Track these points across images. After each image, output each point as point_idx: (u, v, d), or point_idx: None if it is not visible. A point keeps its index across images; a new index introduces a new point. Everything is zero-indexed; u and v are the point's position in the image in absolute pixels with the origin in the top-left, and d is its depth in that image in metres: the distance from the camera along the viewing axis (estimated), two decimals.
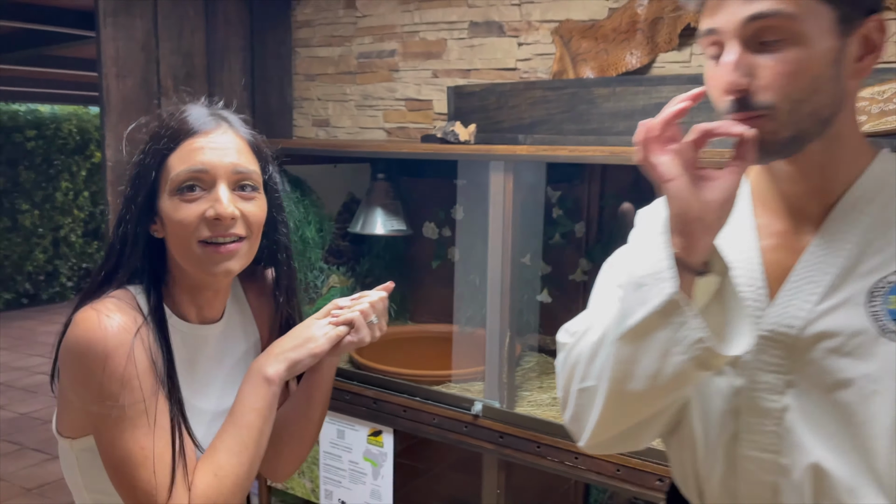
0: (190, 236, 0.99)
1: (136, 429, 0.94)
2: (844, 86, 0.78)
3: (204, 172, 0.99)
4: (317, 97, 2.62)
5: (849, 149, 0.81)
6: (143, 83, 2.15)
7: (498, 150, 1.58)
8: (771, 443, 0.82)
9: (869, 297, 0.77)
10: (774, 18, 0.73)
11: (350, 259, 2.34)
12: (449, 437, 1.77)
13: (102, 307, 0.96)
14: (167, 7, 2.19)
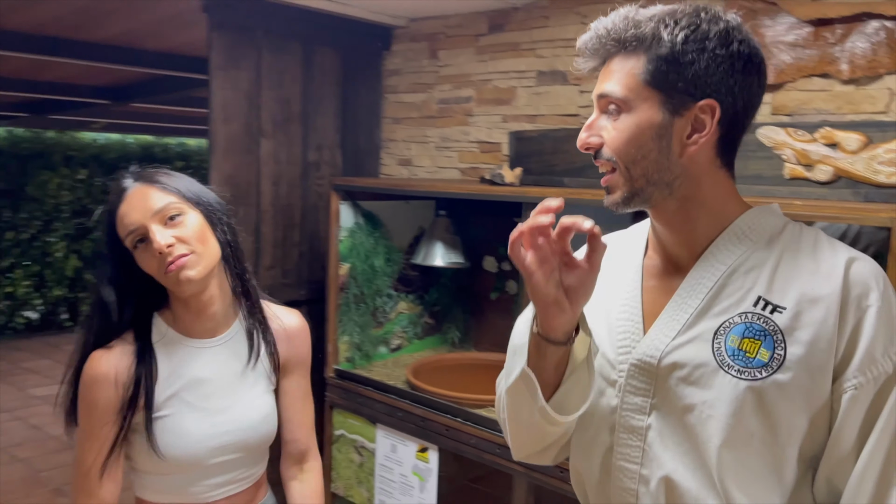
0: (157, 273, 1.20)
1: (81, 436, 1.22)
2: (678, 158, 0.90)
3: (134, 230, 1.19)
4: (402, 139, 2.86)
5: (707, 210, 0.93)
6: (246, 127, 2.47)
7: (528, 192, 1.71)
8: (636, 456, 0.94)
9: (714, 335, 0.89)
10: (612, 98, 0.91)
11: (419, 288, 2.53)
12: (484, 458, 1.89)
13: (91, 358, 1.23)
14: (269, 60, 2.50)
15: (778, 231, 0.92)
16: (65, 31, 3.23)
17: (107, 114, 6.05)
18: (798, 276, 0.87)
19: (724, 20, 0.89)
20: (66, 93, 4.74)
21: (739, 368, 0.86)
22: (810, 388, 0.84)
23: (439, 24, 2.68)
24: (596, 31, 0.94)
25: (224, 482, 1.28)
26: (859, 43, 1.75)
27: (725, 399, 0.86)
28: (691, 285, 0.93)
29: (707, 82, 0.87)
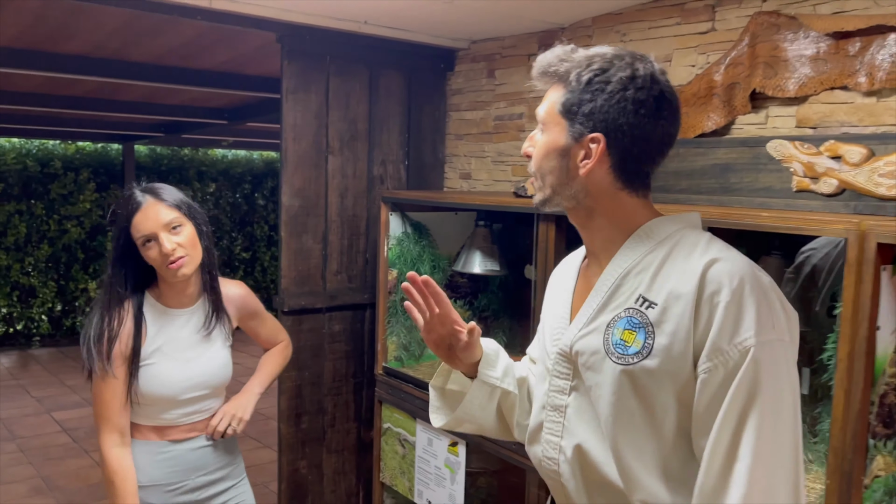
0: (159, 266, 1.65)
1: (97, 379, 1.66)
2: (578, 176, 1.06)
3: (147, 235, 1.63)
4: (463, 154, 3.03)
5: (609, 220, 1.08)
6: (315, 144, 2.73)
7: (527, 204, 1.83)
8: (558, 430, 1.11)
9: (606, 327, 1.05)
10: (539, 118, 1.11)
11: (468, 294, 2.68)
12: (502, 453, 2.02)
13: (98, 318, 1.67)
14: (337, 84, 2.76)
15: (668, 237, 1.05)
16: (178, 61, 3.67)
17: (229, 132, 6.65)
18: (670, 276, 1.01)
19: (633, 68, 1.03)
20: (190, 115, 5.30)
21: (619, 355, 1.02)
22: (674, 372, 0.97)
23: (496, 45, 2.84)
24: (539, 63, 1.12)
25: (193, 411, 1.75)
26: (878, 55, 1.73)
27: (608, 381, 1.03)
28: (599, 285, 1.09)
29: (600, 118, 1.02)
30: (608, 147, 1.03)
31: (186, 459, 1.74)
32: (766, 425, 0.92)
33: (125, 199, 1.67)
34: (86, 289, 7.41)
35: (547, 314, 1.22)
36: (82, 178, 7.29)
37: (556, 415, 1.11)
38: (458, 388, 1.29)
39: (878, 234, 1.22)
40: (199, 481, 1.77)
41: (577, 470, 1.08)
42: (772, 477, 0.92)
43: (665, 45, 2.23)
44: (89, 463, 4.16)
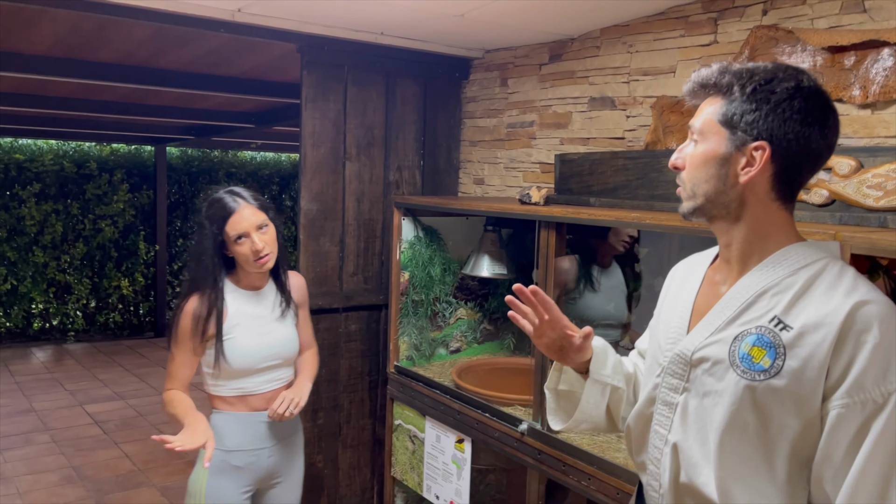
0: (246, 259, 1.92)
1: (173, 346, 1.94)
2: (736, 184, 1.08)
3: (242, 233, 1.90)
4: (477, 160, 3.11)
5: (759, 234, 1.10)
6: (333, 150, 2.84)
7: (539, 211, 1.91)
8: (667, 423, 1.17)
9: (733, 340, 1.08)
10: (695, 129, 1.13)
11: (478, 296, 2.76)
12: (505, 450, 2.09)
13: (186, 302, 1.93)
14: (354, 92, 2.86)
15: (809, 263, 1.07)
16: (205, 68, 3.80)
17: (257, 135, 6.81)
18: (811, 305, 1.03)
19: (797, 79, 1.06)
20: (219, 118, 5.46)
21: (744, 369, 1.05)
22: (800, 397, 1.00)
23: (509, 54, 2.92)
24: (695, 79, 1.15)
25: (269, 379, 2.00)
26: (872, 69, 1.77)
27: (729, 392, 1.06)
28: (729, 299, 1.12)
29: (764, 128, 1.05)
30: (772, 155, 1.05)
31: (267, 426, 1.98)
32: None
33: (219, 201, 1.92)
34: (118, 286, 7.63)
35: (664, 312, 1.27)
36: (116, 179, 7.51)
37: (666, 409, 1.17)
38: (567, 387, 1.37)
39: (853, 245, 1.27)
40: (277, 448, 2.01)
41: (671, 467, 1.14)
42: None
43: (669, 57, 2.29)
44: (119, 454, 4.32)
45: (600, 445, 1.90)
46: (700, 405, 1.11)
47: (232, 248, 1.90)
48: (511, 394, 2.20)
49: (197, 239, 1.95)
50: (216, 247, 1.91)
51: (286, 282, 2.07)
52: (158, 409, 5.23)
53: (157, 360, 6.79)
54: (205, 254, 1.91)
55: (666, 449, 1.15)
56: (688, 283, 1.24)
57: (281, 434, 2.02)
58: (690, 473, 1.10)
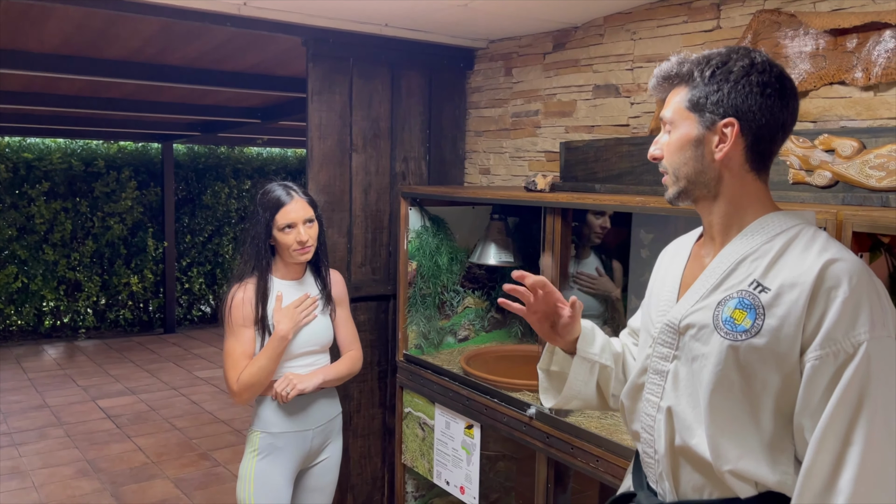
0: (288, 249, 2.09)
1: (230, 338, 2.07)
2: (712, 163, 1.16)
3: (292, 223, 2.07)
4: (482, 150, 3.13)
5: (736, 206, 1.18)
6: (339, 142, 2.86)
7: (545, 198, 1.93)
8: (658, 391, 1.22)
9: (717, 305, 1.14)
10: (666, 120, 1.21)
11: (485, 285, 2.79)
12: (514, 435, 2.12)
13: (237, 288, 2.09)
14: (360, 84, 2.88)
15: (785, 230, 1.13)
16: (211, 64, 3.83)
17: (263, 131, 6.84)
18: (786, 267, 1.09)
19: (749, 57, 1.14)
20: (225, 114, 5.49)
21: (727, 331, 1.11)
22: (779, 353, 1.06)
23: (513, 44, 2.93)
24: (657, 75, 1.24)
25: (307, 364, 2.14)
26: (874, 51, 1.78)
27: (714, 353, 1.12)
28: (712, 268, 1.19)
29: (729, 105, 1.13)
30: (742, 129, 1.12)
31: (307, 409, 2.12)
32: (878, 413, 1.00)
33: (274, 192, 2.08)
34: (128, 283, 7.69)
35: (656, 288, 1.34)
36: (124, 177, 7.56)
37: (658, 378, 1.22)
38: (558, 368, 1.43)
39: (854, 223, 1.29)
40: (320, 430, 2.15)
41: (666, 431, 1.19)
42: (885, 464, 1.00)
43: (673, 43, 2.30)
44: (132, 447, 4.37)
45: (608, 428, 1.92)
46: (689, 370, 1.16)
47: (277, 236, 2.06)
48: (519, 379, 2.23)
49: (248, 225, 2.12)
50: (266, 233, 2.07)
51: (327, 277, 2.22)
52: (170, 403, 5.29)
53: (167, 355, 6.84)
54: (257, 238, 2.07)
55: (659, 415, 1.20)
56: (676, 259, 1.31)
57: (322, 416, 2.16)
58: (684, 436, 1.15)
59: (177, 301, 8.20)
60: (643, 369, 1.27)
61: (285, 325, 2.04)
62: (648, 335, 1.28)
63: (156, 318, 8.13)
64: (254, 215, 2.09)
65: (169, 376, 6.06)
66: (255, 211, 2.09)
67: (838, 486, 1.00)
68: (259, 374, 2.02)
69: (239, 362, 2.03)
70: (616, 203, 1.82)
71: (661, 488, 1.22)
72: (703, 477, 1.15)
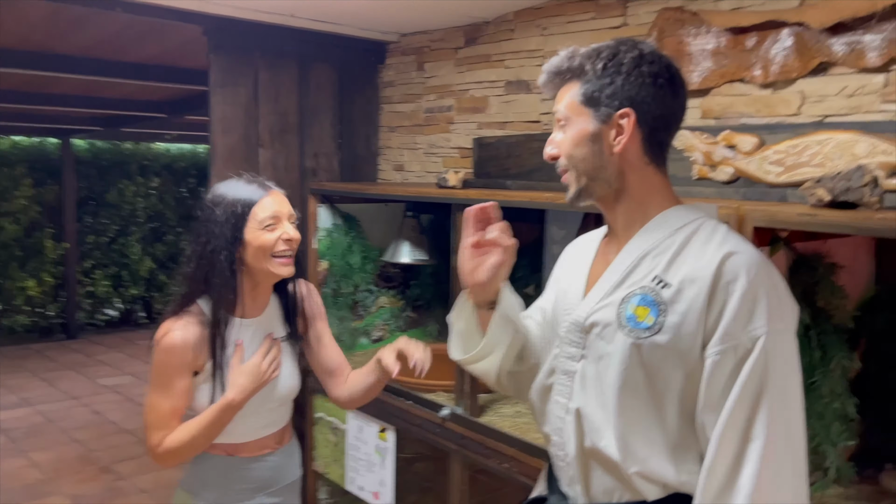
0: (267, 250, 1.52)
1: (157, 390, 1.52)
2: (610, 157, 1.13)
3: (275, 215, 1.54)
4: (396, 146, 3.07)
5: (636, 201, 1.16)
6: (245, 138, 2.74)
7: (456, 195, 1.89)
8: (567, 392, 1.18)
9: (620, 302, 1.11)
10: (560, 116, 1.17)
11: (400, 284, 2.73)
12: (427, 437, 2.07)
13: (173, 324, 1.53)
14: (266, 77, 2.77)
15: (687, 224, 1.12)
16: (108, 54, 3.61)
17: (171, 126, 6.55)
18: (687, 262, 1.07)
19: (638, 49, 1.12)
20: (129, 108, 5.21)
21: (630, 329, 1.09)
22: (681, 350, 1.05)
23: (425, 38, 2.88)
24: (547, 71, 1.20)
25: (263, 425, 1.64)
26: (772, 49, 1.83)
27: (619, 352, 1.10)
28: (616, 265, 1.16)
29: (623, 96, 1.11)
30: (638, 120, 1.10)
31: (255, 477, 1.63)
32: (776, 409, 0.99)
33: (237, 188, 1.55)
34: (24, 287, 7.22)
35: (561, 284, 1.29)
36: (18, 174, 7.09)
37: (565, 378, 1.18)
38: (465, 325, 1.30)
39: (755, 218, 1.30)
40: (263, 501, 1.65)
41: (575, 433, 1.15)
42: (784, 456, 1.00)
43: (582, 39, 2.30)
44: (25, 463, 4.09)
45: (521, 427, 1.90)
46: (596, 370, 1.14)
47: (253, 238, 1.51)
48: (433, 380, 2.18)
49: (197, 240, 1.55)
50: (230, 243, 1.51)
51: (301, 298, 1.70)
52: (70, 414, 4.98)
53: (68, 363, 6.46)
54: (213, 254, 1.51)
55: (568, 417, 1.17)
56: (582, 257, 1.28)
57: (277, 479, 1.68)
58: (594, 438, 1.13)
59: (80, 305, 7.76)
60: (550, 369, 1.23)
61: (242, 390, 1.52)
62: (555, 334, 1.24)
63: (56, 324, 7.67)
64: (205, 224, 1.53)
65: (69, 385, 5.71)
66: (207, 218, 1.53)
67: (738, 483, 0.99)
68: (192, 447, 1.55)
69: (166, 422, 1.52)
70: (526, 199, 1.80)
71: (573, 491, 1.19)
72: (613, 479, 1.13)
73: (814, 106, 1.78)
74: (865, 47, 1.66)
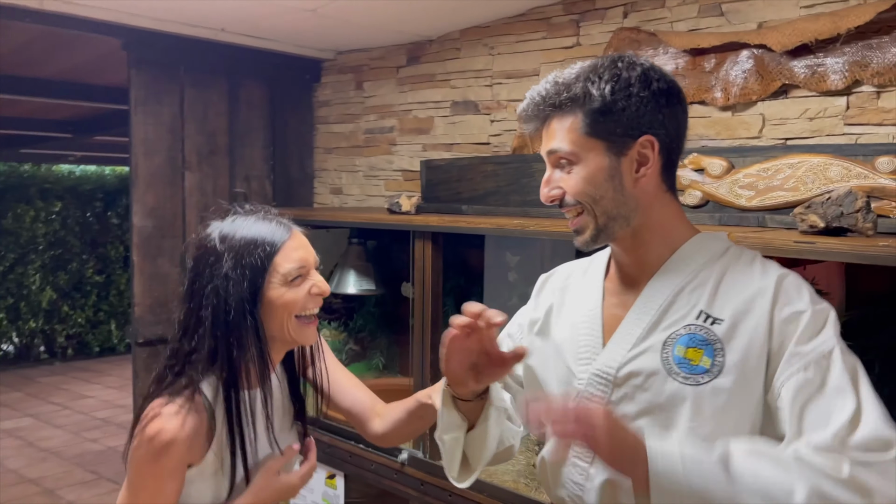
0: (292, 310, 1.17)
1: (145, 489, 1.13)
2: (631, 192, 1.00)
3: (304, 265, 1.19)
4: (333, 168, 2.92)
5: (658, 234, 1.03)
6: (169, 159, 2.53)
7: (414, 221, 1.77)
8: (588, 455, 1.02)
9: (663, 346, 0.97)
10: (560, 153, 1.00)
11: (343, 315, 2.57)
12: (384, 483, 1.92)
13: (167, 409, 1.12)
14: (192, 95, 2.57)
15: (720, 254, 1.01)
16: (12, 68, 3.30)
17: (76, 146, 6.13)
18: (734, 292, 0.96)
19: (639, 64, 1.00)
20: (30, 127, 4.83)
21: (685, 375, 0.94)
22: (749, 390, 0.92)
23: (363, 56, 2.75)
24: (532, 99, 1.02)
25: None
26: (731, 72, 1.81)
27: (674, 405, 0.95)
28: (644, 303, 1.01)
29: (640, 122, 0.97)
30: (659, 147, 0.98)
31: None
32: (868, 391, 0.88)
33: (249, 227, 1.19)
34: None
35: (563, 331, 1.10)
36: None
37: None
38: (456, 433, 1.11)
39: (748, 245, 1.24)
40: None
41: (599, 501, 1.00)
42: None
43: (532, 59, 2.24)
44: None
45: (487, 471, 1.78)
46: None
47: (277, 296, 1.17)
48: None
49: (203, 306, 1.16)
50: (248, 301, 1.15)
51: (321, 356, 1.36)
52: None
53: None
54: (226, 314, 1.15)
55: (589, 484, 1.01)
56: (584, 295, 1.11)
57: None
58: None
59: None
60: None
61: None
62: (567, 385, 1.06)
63: None
64: (209, 279, 1.16)
65: None
66: (211, 271, 1.16)
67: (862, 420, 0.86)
68: None
69: None
70: (493, 226, 1.69)
71: None
72: None
73: (775, 129, 1.77)
74: (827, 70, 1.66)
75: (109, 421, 5.43)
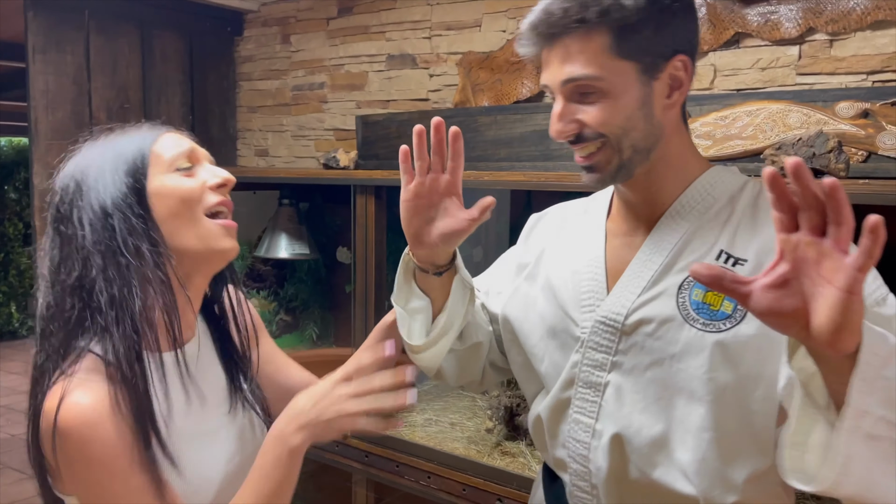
0: (193, 206, 0.94)
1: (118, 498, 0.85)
2: (659, 120, 0.89)
3: (192, 156, 0.99)
4: (258, 128, 2.73)
5: (673, 168, 0.92)
6: (74, 115, 2.28)
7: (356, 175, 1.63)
8: (592, 410, 0.94)
9: (679, 290, 0.88)
10: (584, 80, 0.86)
11: (273, 283, 2.41)
12: (325, 458, 1.80)
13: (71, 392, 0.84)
14: (100, 43, 2.33)
15: (738, 189, 0.92)
16: None
17: None
18: (757, 231, 0.87)
19: None
20: None
21: (704, 322, 0.86)
22: (774, 336, 0.77)
23: (290, 7, 2.57)
24: (548, 14, 0.86)
25: None
26: None
27: (693, 353, 0.85)
28: (655, 242, 0.92)
29: (673, 38, 0.86)
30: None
31: None
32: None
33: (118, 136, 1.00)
34: None
35: (563, 275, 0.99)
36: None
37: (590, 392, 0.94)
38: (423, 303, 0.99)
39: None
40: None
41: (608, 461, 0.91)
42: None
43: (474, 10, 2.12)
44: None
45: (436, 437, 1.69)
46: (643, 380, 0.89)
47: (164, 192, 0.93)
48: None
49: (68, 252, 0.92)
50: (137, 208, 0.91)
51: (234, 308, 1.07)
52: None
53: None
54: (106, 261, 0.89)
55: (596, 442, 0.93)
56: (583, 237, 1.01)
57: None
58: (643, 466, 0.90)
59: None
60: (568, 380, 0.96)
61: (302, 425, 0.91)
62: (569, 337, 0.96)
63: None
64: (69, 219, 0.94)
65: None
66: (70, 209, 0.95)
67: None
68: None
69: None
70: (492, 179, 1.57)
71: None
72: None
73: (727, 80, 1.73)
74: (781, 17, 1.62)
75: (12, 408, 5.05)
